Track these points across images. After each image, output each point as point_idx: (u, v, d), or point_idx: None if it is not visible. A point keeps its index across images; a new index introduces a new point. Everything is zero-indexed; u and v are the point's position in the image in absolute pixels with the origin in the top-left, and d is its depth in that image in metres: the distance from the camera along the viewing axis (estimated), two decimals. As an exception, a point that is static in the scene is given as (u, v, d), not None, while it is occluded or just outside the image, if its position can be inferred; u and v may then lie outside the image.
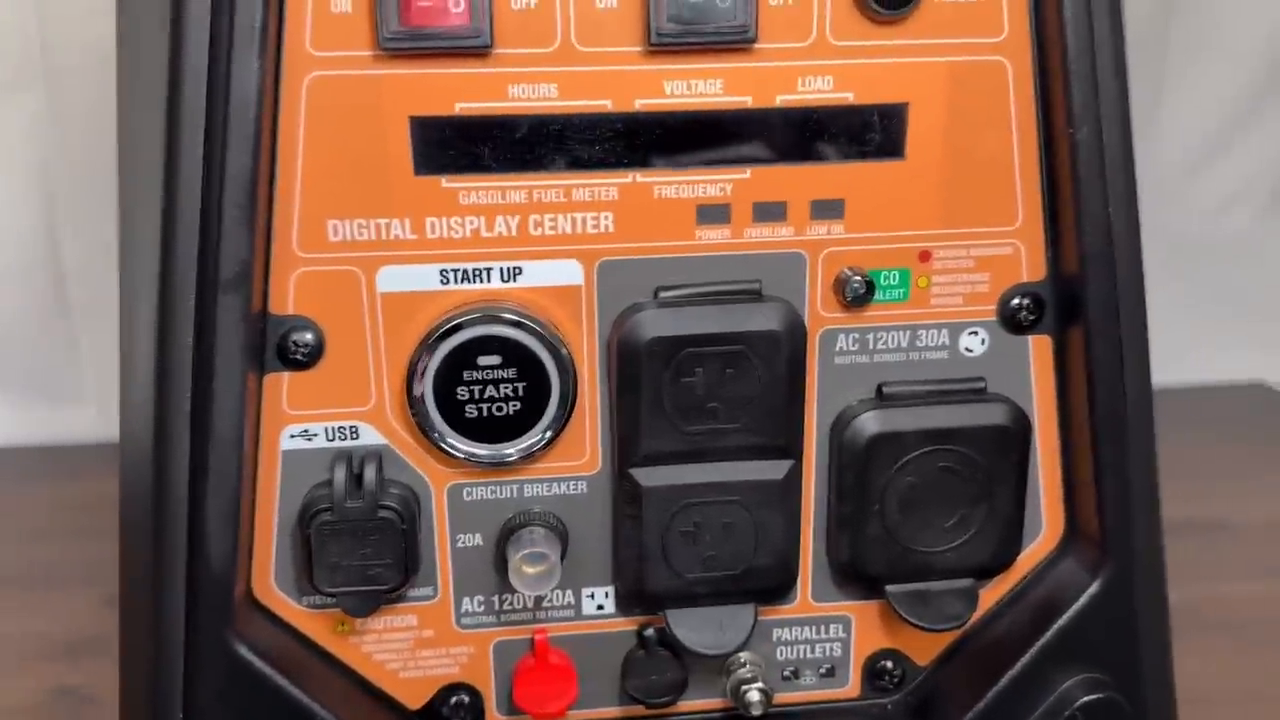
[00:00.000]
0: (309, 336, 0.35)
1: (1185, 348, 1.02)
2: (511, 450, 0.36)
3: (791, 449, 0.37)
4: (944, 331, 0.38)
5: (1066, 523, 0.40)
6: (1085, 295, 0.37)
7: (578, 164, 0.35)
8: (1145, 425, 0.38)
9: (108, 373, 0.86)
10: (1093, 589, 0.39)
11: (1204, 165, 0.98)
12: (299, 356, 0.35)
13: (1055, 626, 0.39)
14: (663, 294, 0.36)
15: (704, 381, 0.36)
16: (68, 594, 0.70)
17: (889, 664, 0.41)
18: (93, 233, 0.83)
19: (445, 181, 0.34)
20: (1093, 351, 0.37)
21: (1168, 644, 0.41)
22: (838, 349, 0.38)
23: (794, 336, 0.36)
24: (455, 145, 0.34)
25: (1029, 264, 0.37)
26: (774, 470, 0.37)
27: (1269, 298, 1.03)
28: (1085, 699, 0.39)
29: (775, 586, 0.39)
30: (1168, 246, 0.98)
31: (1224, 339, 1.04)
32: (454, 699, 0.40)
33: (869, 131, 0.35)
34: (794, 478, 0.38)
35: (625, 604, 0.39)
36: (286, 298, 0.35)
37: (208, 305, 0.33)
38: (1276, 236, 1.01)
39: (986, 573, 0.40)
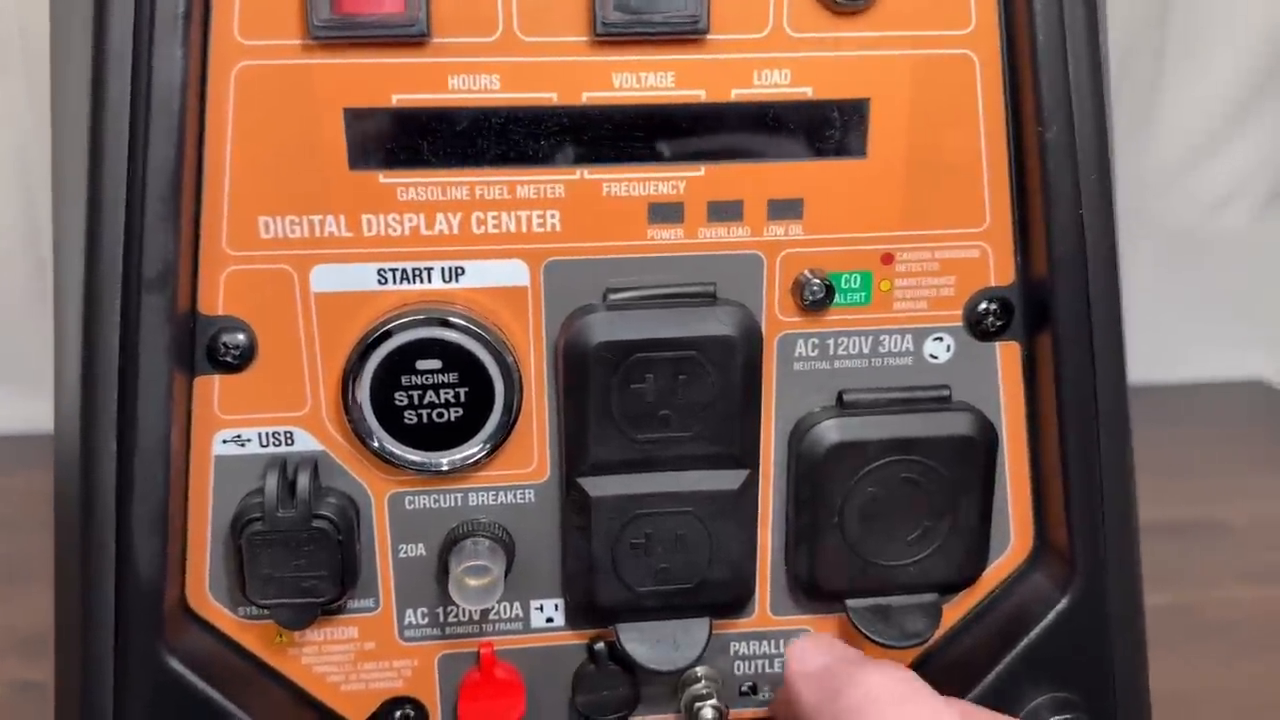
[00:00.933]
0: (240, 338, 0.34)
1: (1183, 345, 1.01)
2: (444, 460, 0.35)
3: (747, 458, 0.36)
4: (907, 337, 0.36)
5: (1035, 536, 0.39)
6: (1055, 301, 0.35)
7: (522, 159, 0.33)
8: (1119, 435, 0.37)
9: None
10: (1062, 605, 0.37)
11: (1202, 161, 0.97)
12: (230, 359, 0.34)
13: (1022, 644, 0.38)
14: (612, 296, 0.35)
15: (655, 388, 0.35)
16: (35, 587, 0.69)
17: (850, 680, 0.40)
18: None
19: (382, 177, 0.33)
20: (1063, 359, 0.35)
21: (1143, 661, 0.40)
22: (796, 355, 0.36)
23: (749, 342, 0.35)
24: (392, 138, 0.33)
25: (997, 267, 0.36)
26: (729, 480, 0.36)
27: (1268, 295, 1.02)
28: (1054, 719, 0.37)
29: (731, 600, 0.37)
30: (1166, 243, 0.97)
31: (1223, 336, 1.03)
32: (398, 713, 0.38)
33: (829, 128, 0.34)
34: (749, 488, 0.36)
35: (575, 617, 0.38)
36: (216, 297, 0.33)
37: (132, 304, 0.32)
38: (1275, 234, 1.00)
39: (951, 588, 0.38)
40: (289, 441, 0.35)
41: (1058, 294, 0.35)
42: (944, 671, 0.39)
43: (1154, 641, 0.48)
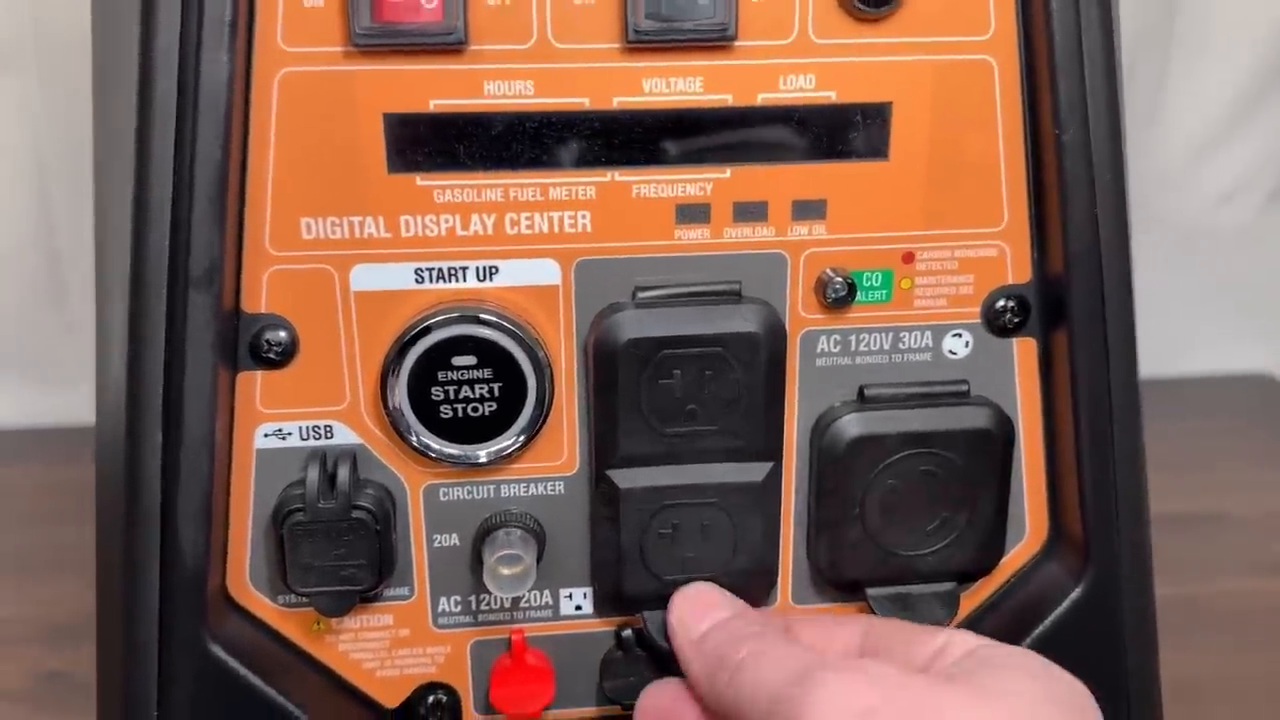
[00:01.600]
0: (282, 335, 0.35)
1: (1190, 339, 1.02)
2: (482, 453, 0.36)
3: (771, 451, 0.37)
4: (927, 334, 0.37)
5: (1050, 527, 0.40)
6: (1071, 298, 0.36)
7: (555, 162, 0.34)
8: (1131, 429, 0.38)
9: (102, 356, 0.86)
10: (1076, 594, 0.38)
11: (1207, 156, 0.97)
12: (272, 355, 0.35)
13: (1037, 631, 0.39)
14: (641, 294, 0.36)
15: (682, 383, 0.36)
16: (57, 578, 0.70)
17: (870, 667, 0.41)
18: (86, 215, 0.83)
19: (420, 179, 0.34)
20: (1078, 355, 0.37)
21: (1154, 649, 0.41)
22: (819, 351, 0.37)
23: (773, 338, 0.36)
24: (430, 143, 0.34)
25: (1014, 266, 0.37)
26: (753, 472, 0.37)
27: (1272, 289, 1.02)
28: (1066, 705, 0.38)
29: (755, 589, 0.38)
30: (1171, 238, 0.98)
31: (1227, 330, 1.03)
32: (431, 698, 0.39)
33: (851, 131, 0.35)
34: (773, 480, 0.37)
35: (603, 605, 0.39)
36: (259, 296, 0.35)
37: (178, 302, 0.33)
38: (1279, 228, 1.00)
39: (968, 576, 0.39)
40: (328, 435, 0.36)
41: (1073, 292, 0.36)
42: (961, 658, 0.40)
43: (1160, 631, 0.49)
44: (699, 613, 0.37)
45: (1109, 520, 0.38)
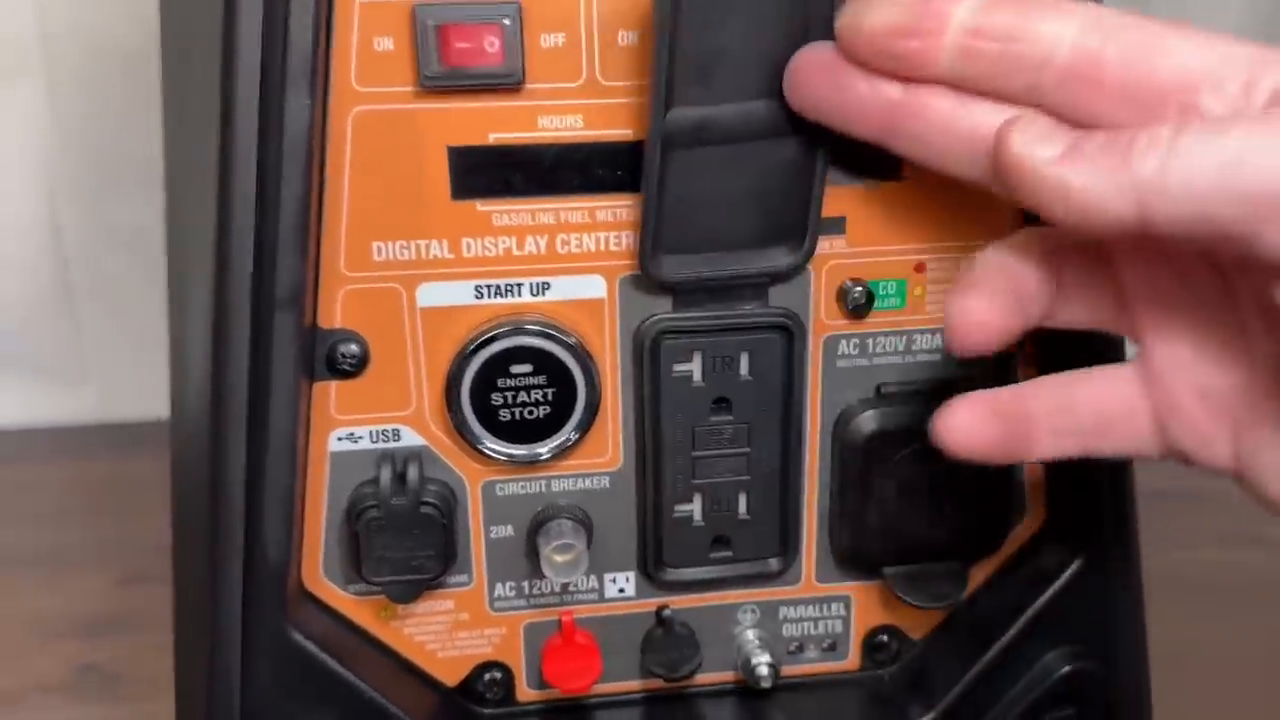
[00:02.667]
0: (355, 348, 0.38)
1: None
2: (544, 450, 0.39)
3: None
4: (937, 335, 0.41)
5: (1048, 507, 0.44)
6: (1066, 303, 0.40)
7: (601, 187, 0.38)
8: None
9: (109, 356, 0.88)
10: (1072, 568, 0.42)
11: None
12: (346, 366, 0.38)
13: (1037, 603, 0.42)
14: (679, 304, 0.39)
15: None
16: (81, 574, 0.72)
17: (886, 639, 0.45)
18: (94, 219, 0.85)
19: (480, 205, 0.37)
20: (1071, 349, 0.40)
21: (1141, 617, 0.45)
22: (839, 353, 0.41)
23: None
24: (489, 172, 0.37)
25: (1015, 274, 0.41)
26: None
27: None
28: (1065, 669, 0.42)
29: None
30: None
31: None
32: (487, 676, 0.43)
33: (868, 153, 0.38)
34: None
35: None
36: (334, 313, 0.38)
37: (264, 322, 0.36)
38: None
39: (975, 555, 0.43)
40: (395, 438, 0.39)
41: (1069, 296, 0.40)
42: (969, 628, 0.44)
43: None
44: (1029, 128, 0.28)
45: (1101, 501, 0.42)
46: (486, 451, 0.39)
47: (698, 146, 0.35)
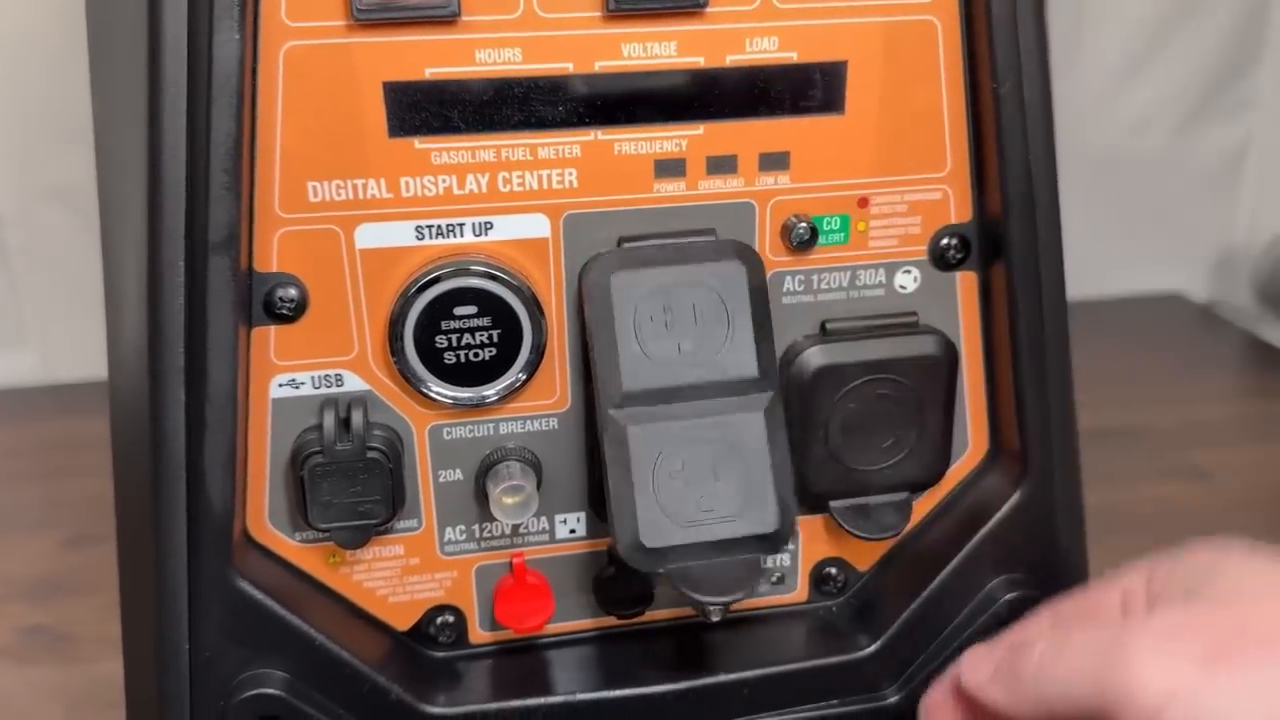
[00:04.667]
0: (293, 292, 0.37)
1: (1107, 262, 1.07)
2: (490, 392, 0.39)
3: (767, 380, 0.38)
4: (880, 271, 0.41)
5: (990, 440, 0.44)
6: (1007, 235, 0.40)
7: (542, 124, 0.37)
8: (1061, 352, 0.42)
9: (49, 317, 0.86)
10: (1014, 499, 0.43)
11: (1123, 85, 1.01)
12: (285, 311, 0.37)
13: (980, 533, 0.43)
14: (626, 244, 0.39)
15: (673, 319, 0.38)
16: (27, 536, 0.71)
17: (833, 571, 0.45)
18: (26, 177, 0.83)
19: (418, 143, 0.37)
20: (1014, 286, 0.41)
21: (1083, 546, 0.46)
22: (785, 290, 0.41)
23: (753, 268, 0.38)
24: (426, 109, 0.36)
25: (957, 207, 0.41)
26: (755, 403, 0.38)
27: (1185, 213, 1.08)
28: (1008, 596, 0.43)
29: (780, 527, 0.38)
30: (1090, 165, 1.03)
31: (1144, 253, 1.09)
32: (439, 619, 0.43)
33: (811, 88, 0.38)
34: (775, 408, 0.38)
35: (629, 559, 0.38)
36: (271, 256, 0.37)
37: (198, 266, 0.35)
38: (1190, 154, 1.06)
39: (919, 487, 0.44)
40: (338, 383, 0.39)
41: (1009, 230, 0.40)
42: (915, 558, 0.45)
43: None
44: (976, 663, 0.39)
45: (1042, 432, 0.42)
46: (431, 395, 0.39)
47: None
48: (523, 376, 0.39)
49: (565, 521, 0.43)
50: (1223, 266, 1.12)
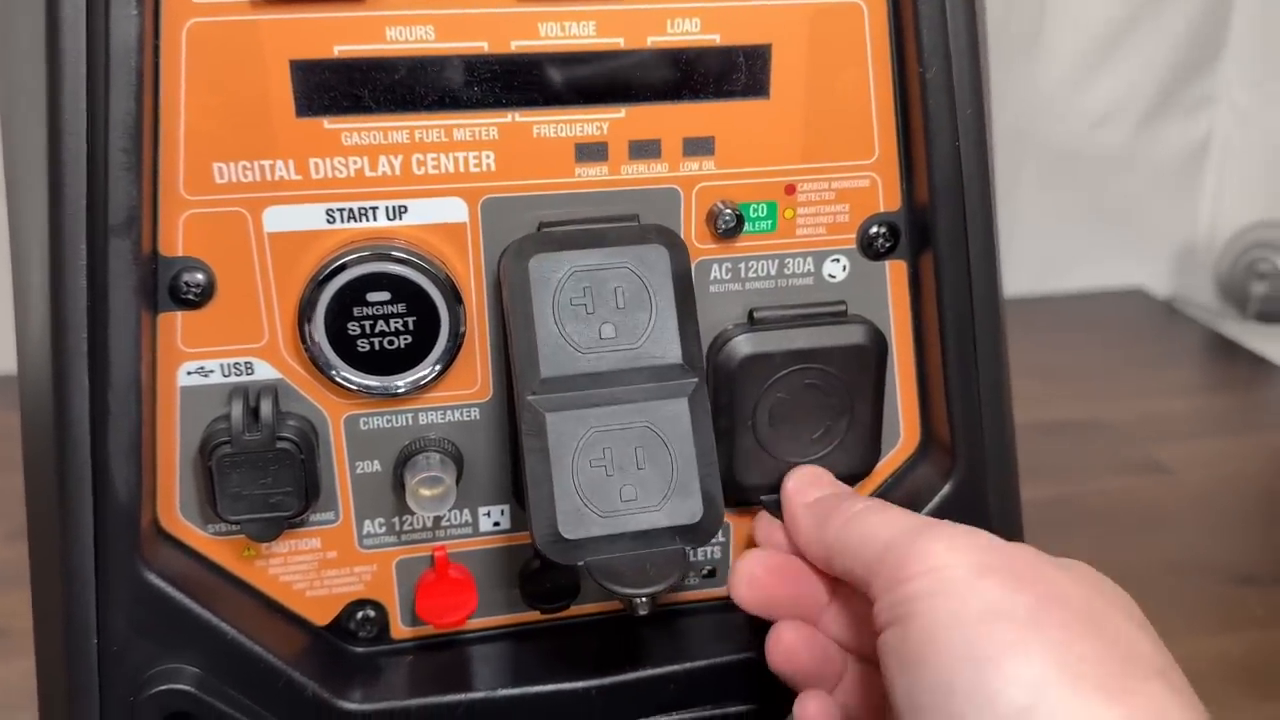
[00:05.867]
0: (200, 277, 0.36)
1: (1068, 257, 1.07)
2: (400, 383, 0.38)
3: (692, 366, 0.37)
4: (809, 259, 0.41)
5: (922, 431, 0.44)
6: (936, 224, 0.40)
7: (457, 104, 0.36)
8: (994, 343, 0.42)
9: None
10: (944, 490, 0.42)
11: (1084, 81, 1.02)
12: (191, 296, 0.36)
13: (912, 526, 0.43)
14: (546, 230, 0.38)
15: (595, 305, 0.37)
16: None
17: (765, 565, 0.45)
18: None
19: (327, 123, 0.36)
20: (942, 276, 0.40)
21: (1019, 537, 0.45)
22: (712, 278, 0.40)
23: (677, 252, 0.37)
24: (336, 88, 0.35)
25: (885, 195, 0.40)
26: (679, 390, 0.37)
27: (1145, 208, 1.08)
28: (938, 589, 0.43)
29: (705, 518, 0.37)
30: (1051, 161, 1.03)
31: (1104, 249, 1.09)
32: (360, 614, 0.42)
33: (735, 72, 0.37)
34: (700, 393, 0.37)
35: (549, 550, 0.36)
36: (176, 239, 0.36)
37: (99, 249, 0.34)
38: (1152, 149, 1.06)
39: (851, 479, 0.43)
40: (249, 371, 0.38)
41: (938, 218, 0.39)
42: (846, 553, 0.44)
43: (1037, 528, 0.54)
44: (812, 481, 0.40)
45: (973, 424, 0.42)
46: (342, 383, 0.38)
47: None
48: (440, 367, 0.38)
49: (489, 514, 0.42)
50: (1184, 261, 1.12)
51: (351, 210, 0.37)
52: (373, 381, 0.38)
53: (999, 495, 0.43)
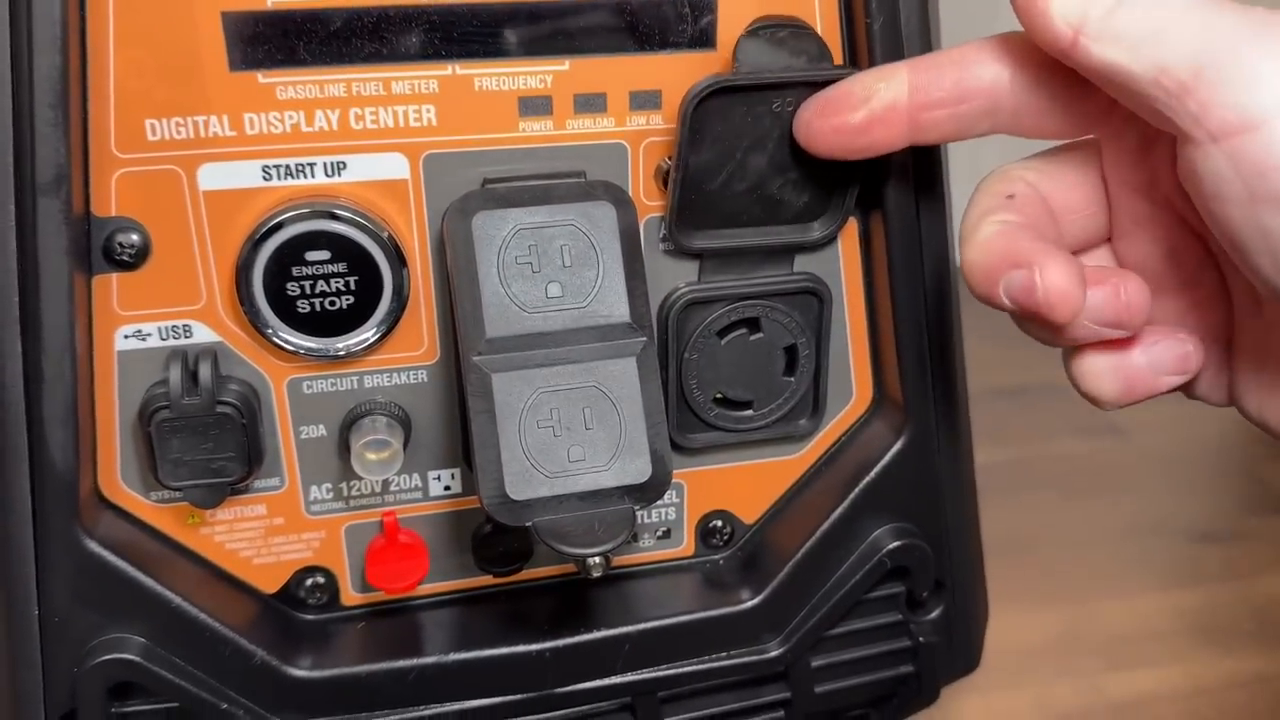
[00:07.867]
0: (134, 237, 0.35)
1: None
2: (340, 345, 0.37)
3: (640, 324, 0.37)
4: (759, 215, 0.40)
5: (874, 389, 0.44)
6: (885, 182, 0.39)
7: (395, 56, 0.35)
8: (943, 300, 0.42)
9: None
10: (897, 447, 0.42)
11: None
12: (125, 257, 0.35)
13: (864, 482, 0.43)
14: (490, 185, 0.37)
15: (541, 263, 0.36)
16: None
17: (719, 524, 0.45)
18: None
19: (261, 77, 0.35)
20: (892, 235, 0.40)
21: (971, 495, 0.45)
22: (661, 236, 0.40)
23: (623, 208, 0.37)
24: (269, 40, 0.34)
25: (834, 150, 0.40)
26: (628, 349, 0.36)
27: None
28: (891, 545, 0.43)
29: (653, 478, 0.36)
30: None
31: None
32: (309, 581, 0.42)
33: (681, 23, 0.37)
34: (648, 352, 0.37)
35: (497, 514, 0.36)
36: (109, 199, 0.35)
37: (28, 209, 0.33)
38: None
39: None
40: (187, 334, 0.37)
41: (888, 176, 0.39)
42: (801, 509, 0.44)
43: (995, 491, 0.54)
44: None
45: (923, 381, 0.42)
46: (281, 344, 0.37)
47: None
48: (383, 328, 0.37)
49: (439, 478, 0.41)
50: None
51: (288, 167, 0.36)
52: (313, 344, 0.37)
53: (949, 452, 0.44)
